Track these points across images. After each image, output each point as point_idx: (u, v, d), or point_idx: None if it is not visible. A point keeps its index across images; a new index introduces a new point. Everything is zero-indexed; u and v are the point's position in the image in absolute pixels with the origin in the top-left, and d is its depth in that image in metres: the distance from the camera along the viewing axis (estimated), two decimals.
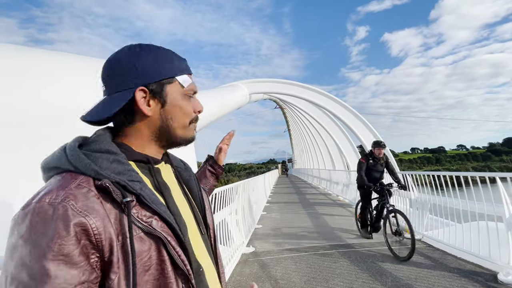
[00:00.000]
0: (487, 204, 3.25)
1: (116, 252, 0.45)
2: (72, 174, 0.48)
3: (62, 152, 0.51)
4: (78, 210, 0.43)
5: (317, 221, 6.31)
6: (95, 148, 0.52)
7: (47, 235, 0.40)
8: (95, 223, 0.43)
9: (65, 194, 0.43)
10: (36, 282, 0.39)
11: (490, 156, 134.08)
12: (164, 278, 0.49)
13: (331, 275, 3.15)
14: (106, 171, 0.48)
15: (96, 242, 0.43)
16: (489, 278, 2.86)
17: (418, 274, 3.06)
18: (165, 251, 0.50)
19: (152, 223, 0.49)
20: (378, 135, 9.93)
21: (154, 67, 0.57)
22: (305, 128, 22.82)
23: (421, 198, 4.75)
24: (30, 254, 0.40)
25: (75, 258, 0.41)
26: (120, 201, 0.47)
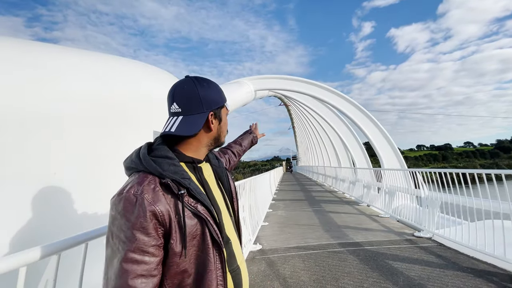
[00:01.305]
0: (503, 202, 3.15)
1: (173, 226, 0.70)
2: (145, 174, 0.73)
3: (137, 158, 0.76)
4: (149, 201, 0.68)
5: (324, 218, 6.25)
6: (158, 155, 0.76)
7: (134, 214, 0.66)
8: (160, 209, 0.69)
9: (141, 189, 0.69)
10: (128, 240, 0.65)
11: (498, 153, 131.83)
12: (204, 245, 0.74)
13: (340, 274, 3.10)
14: (166, 172, 0.73)
15: (161, 220, 0.69)
16: (504, 278, 2.78)
17: (431, 273, 2.99)
18: (206, 227, 0.75)
19: (197, 207, 0.74)
20: (385, 132, 9.78)
21: (216, 98, 0.85)
22: (310, 125, 22.66)
23: (431, 196, 4.65)
24: (124, 224, 0.66)
25: (149, 230, 0.67)
26: (177, 193, 0.72)
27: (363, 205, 7.80)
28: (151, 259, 0.67)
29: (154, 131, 2.36)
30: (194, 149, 0.84)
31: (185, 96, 0.80)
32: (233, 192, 0.95)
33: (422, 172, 5.12)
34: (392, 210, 6.28)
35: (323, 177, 17.19)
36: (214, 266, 0.75)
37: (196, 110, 0.80)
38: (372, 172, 8.80)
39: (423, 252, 3.70)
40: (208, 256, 0.74)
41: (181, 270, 0.71)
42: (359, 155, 13.04)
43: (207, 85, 0.83)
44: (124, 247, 0.65)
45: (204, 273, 0.73)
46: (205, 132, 0.84)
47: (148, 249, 0.66)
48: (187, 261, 0.72)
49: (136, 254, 0.65)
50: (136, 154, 0.77)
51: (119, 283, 0.64)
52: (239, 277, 0.86)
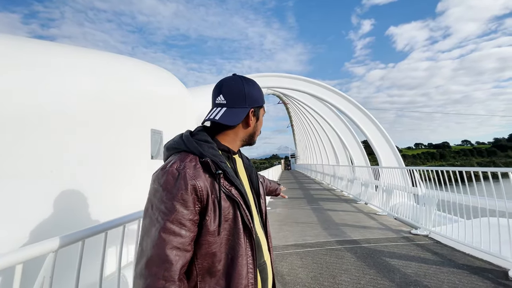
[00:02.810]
0: (498, 200, 3.18)
1: (210, 204, 0.74)
2: (186, 153, 0.78)
3: (180, 139, 0.82)
4: (191, 176, 0.72)
5: (322, 216, 6.28)
6: (199, 138, 0.82)
7: (175, 187, 0.70)
8: (200, 184, 0.72)
9: (184, 165, 0.74)
10: (168, 210, 0.69)
11: (496, 151, 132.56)
12: (236, 229, 0.77)
13: (338, 271, 3.12)
14: (206, 153, 0.78)
15: (200, 196, 0.72)
16: (499, 275, 2.81)
17: (427, 270, 3.02)
18: (238, 210, 0.78)
19: (231, 190, 0.78)
20: (383, 130, 9.82)
21: (258, 97, 0.91)
22: (309, 123, 22.68)
23: (428, 194, 4.69)
24: (166, 196, 0.70)
25: (188, 203, 0.71)
26: (214, 172, 0.76)
27: (361, 203, 7.84)
28: (186, 233, 0.70)
29: (152, 129, 2.36)
30: (230, 140, 0.88)
31: (232, 90, 0.86)
32: (261, 191, 0.97)
33: (419, 170, 5.16)
34: (390, 208, 6.32)
35: (322, 175, 17.24)
36: (244, 251, 0.76)
37: (239, 104, 0.85)
38: (370, 170, 8.84)
39: (419, 249, 3.73)
40: (239, 241, 0.76)
41: (211, 252, 0.73)
42: (357, 153, 13.08)
43: (251, 84, 0.89)
44: (164, 217, 0.69)
45: (235, 258, 0.75)
46: (243, 127, 0.89)
47: (186, 222, 0.70)
48: (218, 244, 0.73)
49: (174, 225, 0.69)
50: (179, 136, 0.84)
51: (155, 252, 0.67)
52: (266, 273, 0.87)
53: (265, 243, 0.90)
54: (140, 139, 2.20)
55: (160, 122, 2.56)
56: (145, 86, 2.43)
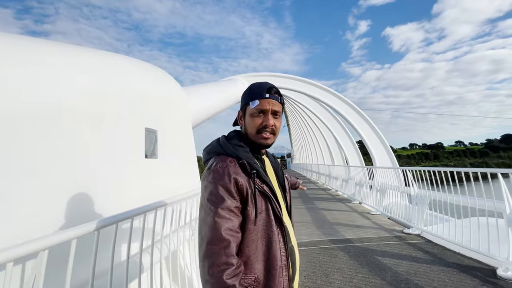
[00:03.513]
0: (488, 200, 3.25)
1: (249, 196, 0.89)
2: (226, 156, 0.93)
3: (218, 144, 0.98)
4: (233, 172, 0.87)
5: (317, 216, 6.33)
6: (234, 143, 0.96)
7: (222, 181, 0.86)
8: (240, 179, 0.88)
9: (226, 165, 0.89)
10: (218, 200, 0.84)
11: (488, 152, 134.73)
12: (269, 218, 0.91)
13: (331, 270, 3.16)
14: (242, 156, 0.92)
15: (240, 189, 0.87)
16: (488, 273, 2.88)
17: (418, 269, 3.07)
18: (269, 204, 0.92)
19: (263, 187, 0.92)
20: (378, 131, 9.91)
21: (244, 98, 1.01)
22: (305, 123, 22.76)
23: (421, 193, 4.76)
24: (215, 188, 0.86)
25: (233, 194, 0.86)
26: (250, 172, 0.91)
27: (355, 203, 7.92)
28: (235, 218, 0.85)
29: (146, 128, 2.36)
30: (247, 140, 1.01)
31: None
32: (286, 186, 1.12)
33: (413, 170, 5.23)
34: (383, 208, 6.40)
35: (317, 175, 17.34)
36: (277, 238, 0.90)
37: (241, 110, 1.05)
38: (364, 170, 8.92)
39: (411, 248, 3.79)
40: (272, 229, 0.90)
41: (252, 239, 0.87)
42: (352, 153, 13.19)
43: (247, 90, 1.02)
44: (216, 206, 0.83)
45: (270, 245, 0.89)
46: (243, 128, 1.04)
47: (233, 209, 0.85)
48: (257, 232, 0.88)
49: (225, 212, 0.83)
50: (217, 142, 0.99)
51: (214, 235, 0.81)
52: (294, 256, 1.00)
53: (291, 230, 1.04)
54: (134, 138, 2.20)
55: (154, 121, 2.55)
56: (139, 85, 2.42)
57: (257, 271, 0.86)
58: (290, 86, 11.60)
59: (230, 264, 0.79)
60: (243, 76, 10.24)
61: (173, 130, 3.04)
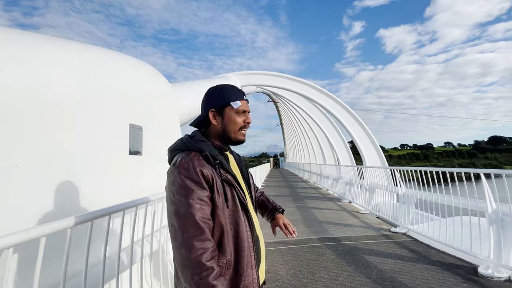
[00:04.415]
0: (471, 199, 3.32)
1: (215, 186, 0.93)
2: (189, 151, 0.96)
3: (181, 141, 1.02)
4: (198, 164, 0.91)
5: (307, 214, 6.36)
6: (197, 139, 1.01)
7: (189, 174, 0.89)
8: (205, 170, 0.92)
9: (190, 158, 0.93)
10: (189, 192, 0.88)
11: (476, 153, 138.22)
12: (235, 205, 0.97)
13: (317, 268, 3.17)
14: (205, 149, 0.97)
15: (207, 179, 0.91)
16: (469, 271, 2.94)
17: (402, 267, 3.12)
18: (235, 191, 0.98)
19: (227, 176, 0.98)
20: (369, 131, 10.03)
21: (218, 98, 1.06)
22: (298, 122, 22.85)
23: (408, 193, 4.83)
24: (183, 181, 0.89)
25: (201, 184, 0.90)
26: (214, 162, 0.95)
27: (345, 202, 7.99)
28: (206, 207, 0.89)
29: (130, 124, 2.31)
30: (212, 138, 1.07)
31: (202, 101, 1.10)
32: (250, 181, 1.18)
33: (401, 170, 5.30)
34: (372, 207, 6.48)
35: (309, 174, 17.43)
36: (244, 223, 0.97)
37: (202, 110, 1.09)
38: (355, 169, 9.01)
39: (397, 246, 3.85)
40: (238, 215, 0.96)
41: (221, 224, 0.92)
42: (343, 153, 13.32)
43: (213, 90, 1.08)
44: (187, 197, 0.87)
45: (238, 229, 0.95)
46: (213, 125, 1.06)
47: (203, 198, 0.89)
48: (225, 217, 0.93)
49: (196, 202, 0.87)
50: (181, 140, 1.03)
51: (188, 224, 0.85)
52: (259, 244, 1.06)
53: (257, 222, 1.09)
54: (117, 134, 2.15)
55: (140, 118, 2.50)
56: (123, 80, 2.37)
57: (228, 254, 0.92)
58: (283, 85, 11.62)
59: (206, 248, 0.85)
60: (235, 74, 10.19)
61: (160, 126, 2.99)
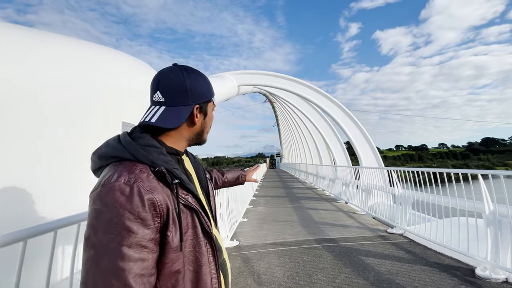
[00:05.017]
0: (468, 200, 3.30)
1: (171, 217, 0.65)
2: (132, 162, 0.65)
3: (119, 145, 0.68)
4: (146, 189, 0.61)
5: (303, 215, 6.32)
6: (144, 143, 0.70)
7: (129, 205, 0.58)
8: (158, 197, 0.63)
9: (134, 177, 0.62)
10: (123, 234, 0.57)
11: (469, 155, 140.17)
12: (197, 238, 0.71)
13: (314, 270, 3.12)
14: (158, 161, 0.67)
15: (159, 211, 0.62)
16: (467, 272, 2.92)
17: (399, 268, 3.09)
18: (197, 219, 0.72)
19: (188, 199, 0.71)
20: (365, 132, 10.04)
21: (204, 90, 0.80)
22: (294, 122, 22.86)
23: (404, 194, 4.82)
24: (116, 217, 0.57)
25: (148, 222, 0.60)
26: (171, 182, 0.67)
27: (341, 202, 7.98)
28: (149, 255, 0.60)
29: (123, 122, 2.23)
30: (174, 141, 0.79)
31: (171, 85, 0.74)
32: (210, 188, 0.92)
33: (397, 170, 5.29)
34: (368, 207, 6.46)
35: (305, 175, 17.43)
36: (207, 259, 0.73)
37: (181, 102, 0.75)
38: (351, 170, 9.01)
39: (394, 248, 3.82)
40: (201, 250, 0.72)
41: (175, 270, 0.66)
42: (340, 153, 13.33)
43: (195, 76, 0.78)
44: (119, 243, 0.56)
45: (199, 269, 0.71)
46: (188, 126, 0.79)
47: (147, 243, 0.60)
48: (181, 260, 0.67)
49: (134, 250, 0.57)
50: (117, 141, 0.69)
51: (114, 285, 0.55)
52: (226, 269, 0.86)
53: (221, 240, 0.88)
54: (108, 132, 2.07)
55: (133, 115, 2.43)
56: (116, 77, 2.29)
57: None
58: (280, 85, 11.58)
59: None
60: (232, 73, 10.12)
61: None
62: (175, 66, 0.78)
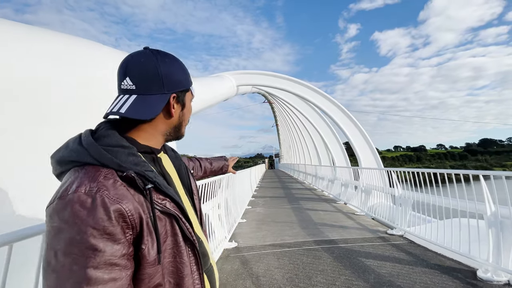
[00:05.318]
0: (469, 201, 3.27)
1: (144, 228, 0.56)
2: (95, 167, 0.56)
3: (79, 147, 0.58)
4: (113, 199, 0.53)
5: (302, 216, 6.27)
6: (110, 143, 0.60)
7: (93, 219, 0.50)
8: (128, 207, 0.54)
9: (97, 186, 0.53)
10: (87, 254, 0.48)
11: (467, 155, 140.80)
12: (177, 247, 0.63)
13: (314, 272, 3.08)
14: (126, 164, 0.58)
15: (130, 222, 0.54)
16: (468, 274, 2.88)
17: (400, 270, 3.04)
18: (177, 225, 0.63)
19: (166, 204, 0.62)
20: (364, 132, 10.01)
21: (181, 78, 0.71)
22: (293, 123, 22.83)
23: (404, 194, 4.78)
24: (78, 234, 0.49)
25: (117, 236, 0.52)
26: (143, 188, 0.58)
27: (341, 203, 7.94)
28: (122, 274, 0.52)
29: None
30: (148, 137, 0.69)
31: (142, 71, 0.64)
32: (193, 186, 0.83)
33: (397, 171, 5.25)
34: (368, 208, 6.43)
35: (304, 175, 17.39)
36: (190, 269, 0.65)
37: (155, 90, 0.65)
38: (350, 170, 8.98)
39: (394, 249, 3.78)
40: (182, 260, 0.63)
41: (154, 285, 0.58)
42: (339, 154, 13.29)
43: (170, 61, 0.68)
44: (84, 265, 0.48)
45: (181, 281, 0.63)
46: (165, 118, 0.69)
47: (118, 260, 0.52)
48: (160, 273, 0.59)
49: (102, 271, 0.49)
50: (77, 142, 0.59)
51: None
52: (213, 276, 0.79)
53: (207, 244, 0.80)
54: None
55: None
56: (110, 75, 2.23)
57: None
58: (279, 85, 11.54)
59: None
60: (231, 73, 10.06)
61: None
62: (146, 50, 0.68)
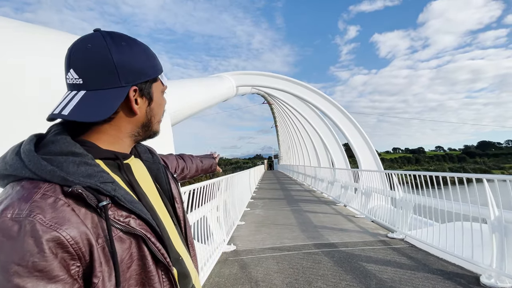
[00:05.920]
0: (472, 205, 3.21)
1: (97, 256, 0.45)
2: (33, 182, 0.44)
3: (16, 157, 0.46)
4: (48, 224, 0.41)
5: (301, 218, 6.21)
6: (57, 151, 0.48)
7: (17, 253, 0.38)
8: (69, 234, 0.42)
9: (29, 208, 0.41)
10: None
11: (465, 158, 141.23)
12: (146, 272, 0.51)
13: (314, 277, 3.01)
14: (74, 176, 0.46)
15: (74, 252, 0.42)
16: (471, 280, 2.82)
17: (402, 275, 2.98)
18: (145, 247, 0.51)
19: (130, 222, 0.50)
20: (364, 134, 9.97)
21: (143, 65, 0.56)
22: (292, 124, 22.79)
23: (405, 197, 4.73)
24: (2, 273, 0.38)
25: (53, 273, 0.40)
26: (96, 205, 0.46)
27: (340, 205, 7.88)
28: None
29: None
30: (112, 140, 0.57)
31: (89, 59, 0.51)
32: (174, 192, 0.71)
33: (398, 174, 5.20)
34: (368, 211, 6.37)
35: (303, 177, 17.33)
36: None
37: (107, 83, 0.51)
38: (350, 172, 8.93)
39: (395, 253, 3.72)
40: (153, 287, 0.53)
41: None
42: (338, 155, 13.25)
43: (127, 46, 0.54)
44: None
45: None
46: (127, 115, 0.56)
47: None
48: None
49: None
50: (15, 152, 0.47)
51: None
52: None
53: (190, 262, 0.67)
54: None
55: None
56: None
57: None
58: (278, 86, 11.50)
59: None
60: (230, 73, 10.01)
61: None
62: (96, 32, 0.54)
